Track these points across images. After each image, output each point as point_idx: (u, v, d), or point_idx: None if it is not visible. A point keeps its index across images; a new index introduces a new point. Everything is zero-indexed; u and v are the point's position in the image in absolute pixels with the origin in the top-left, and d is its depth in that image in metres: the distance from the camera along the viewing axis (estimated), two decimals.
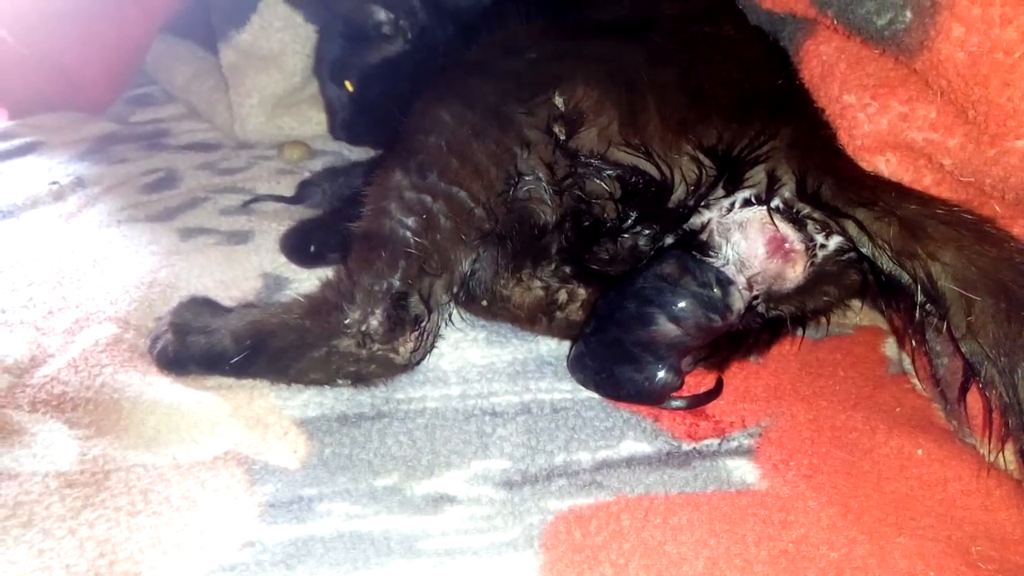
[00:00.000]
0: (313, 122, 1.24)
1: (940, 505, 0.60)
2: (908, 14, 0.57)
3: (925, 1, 0.56)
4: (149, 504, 0.56)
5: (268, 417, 0.65)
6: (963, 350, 0.57)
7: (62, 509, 0.55)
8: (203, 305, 0.72)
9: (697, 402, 0.70)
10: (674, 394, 0.69)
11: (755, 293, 0.68)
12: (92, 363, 0.69)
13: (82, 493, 0.56)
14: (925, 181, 0.63)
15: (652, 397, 0.68)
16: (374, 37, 1.08)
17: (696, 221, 0.68)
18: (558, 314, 0.75)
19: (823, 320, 0.76)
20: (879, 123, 0.62)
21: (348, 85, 1.10)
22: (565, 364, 0.72)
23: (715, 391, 0.71)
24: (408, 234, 0.65)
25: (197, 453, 0.61)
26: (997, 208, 0.61)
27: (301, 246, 0.88)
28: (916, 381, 0.75)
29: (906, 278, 0.59)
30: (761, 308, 0.71)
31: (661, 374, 0.66)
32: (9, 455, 0.59)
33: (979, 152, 0.59)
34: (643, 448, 0.65)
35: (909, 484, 0.62)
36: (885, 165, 0.63)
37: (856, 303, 0.81)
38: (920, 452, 0.64)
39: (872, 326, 0.83)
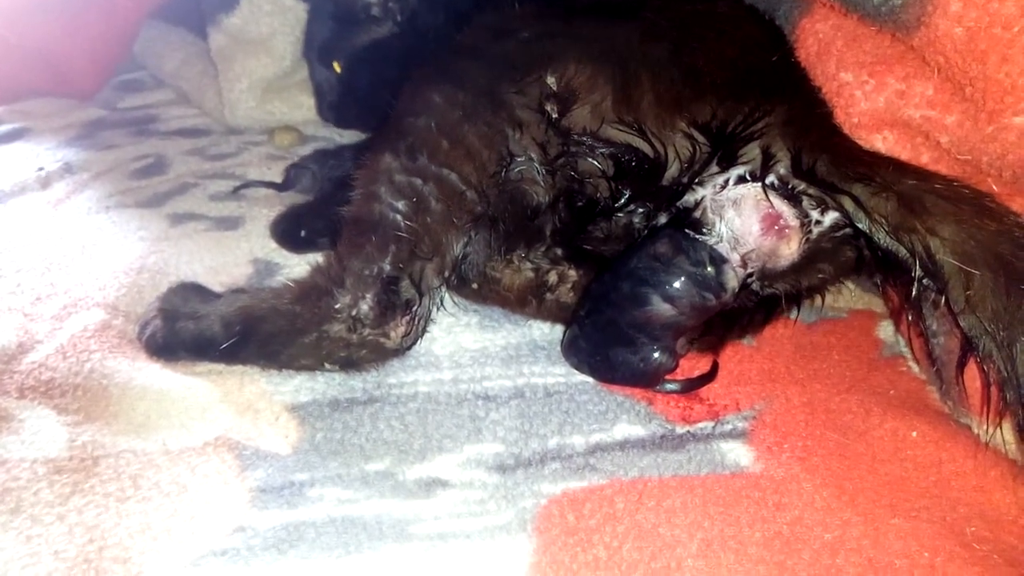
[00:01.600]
0: (304, 107, 1.22)
1: (934, 486, 0.60)
2: None
3: None
4: (139, 490, 0.56)
5: (259, 402, 0.65)
6: (961, 324, 0.57)
7: (51, 495, 0.55)
8: (192, 291, 0.72)
9: (692, 386, 0.69)
10: (669, 377, 0.68)
11: (749, 271, 0.67)
12: (81, 349, 0.69)
13: (71, 479, 0.56)
14: (923, 159, 0.62)
15: (647, 379, 0.68)
16: (363, 19, 1.07)
17: (690, 199, 0.68)
18: (548, 296, 0.75)
19: (817, 298, 0.76)
20: (876, 101, 0.62)
21: (336, 67, 1.09)
22: (559, 348, 0.72)
23: (710, 374, 0.70)
24: (398, 218, 0.65)
25: (187, 439, 0.60)
26: (994, 186, 0.61)
27: (291, 231, 0.87)
28: (912, 363, 0.75)
29: (903, 252, 0.59)
30: (756, 286, 0.70)
31: (656, 355, 0.66)
32: None
33: (976, 129, 0.58)
34: (637, 431, 0.64)
35: (903, 466, 0.62)
36: (882, 143, 0.63)
37: (851, 286, 0.80)
38: (914, 434, 0.64)
39: (866, 309, 0.83)
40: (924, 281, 0.59)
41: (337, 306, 0.64)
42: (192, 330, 0.66)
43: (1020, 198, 0.60)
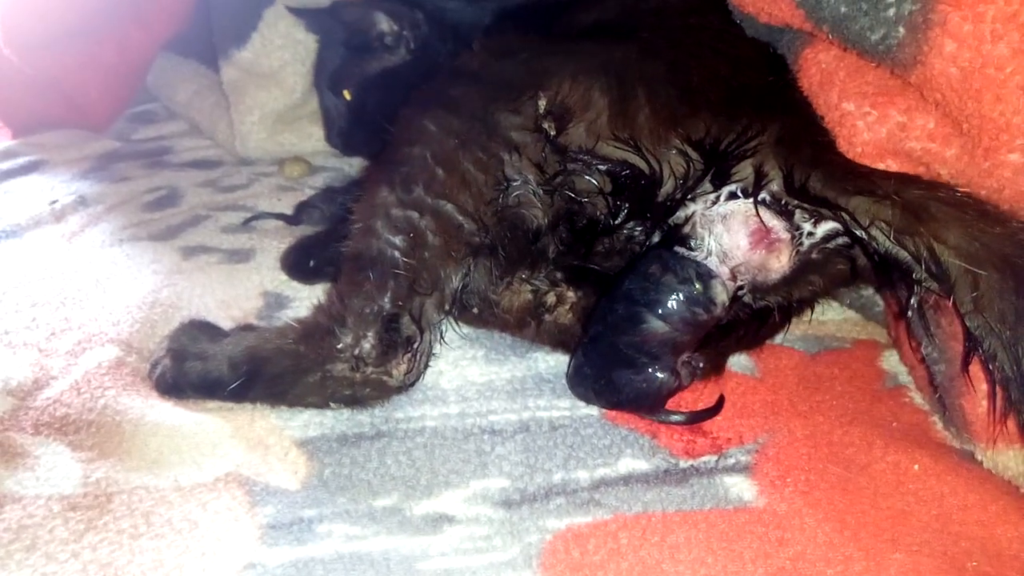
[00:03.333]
0: (313, 138, 1.24)
1: (936, 520, 0.60)
2: (901, 30, 0.57)
3: (917, 18, 0.56)
4: (151, 527, 0.56)
5: (269, 438, 0.65)
6: (968, 325, 0.57)
7: (65, 532, 0.55)
8: (201, 329, 0.72)
9: (697, 418, 0.70)
10: (673, 407, 0.69)
11: (740, 283, 0.68)
12: (95, 385, 0.70)
13: (85, 516, 0.57)
14: None
15: (651, 398, 0.68)
16: (376, 48, 1.09)
17: (681, 214, 0.68)
18: (547, 317, 0.75)
19: (809, 311, 0.77)
20: (878, 132, 0.62)
21: (346, 94, 1.10)
22: (563, 381, 0.72)
23: (716, 408, 0.70)
24: (396, 254, 0.65)
25: (198, 475, 0.61)
26: None
27: (301, 262, 0.88)
28: (914, 393, 0.75)
29: (904, 256, 0.59)
30: (748, 299, 0.71)
31: (657, 374, 0.66)
32: (13, 478, 0.60)
33: (974, 164, 0.59)
34: (641, 465, 0.65)
35: (905, 499, 0.62)
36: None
37: (856, 316, 0.81)
38: (916, 467, 0.64)
39: (870, 340, 0.83)
40: (925, 284, 0.59)
41: (339, 345, 0.64)
42: (200, 370, 0.67)
43: None
